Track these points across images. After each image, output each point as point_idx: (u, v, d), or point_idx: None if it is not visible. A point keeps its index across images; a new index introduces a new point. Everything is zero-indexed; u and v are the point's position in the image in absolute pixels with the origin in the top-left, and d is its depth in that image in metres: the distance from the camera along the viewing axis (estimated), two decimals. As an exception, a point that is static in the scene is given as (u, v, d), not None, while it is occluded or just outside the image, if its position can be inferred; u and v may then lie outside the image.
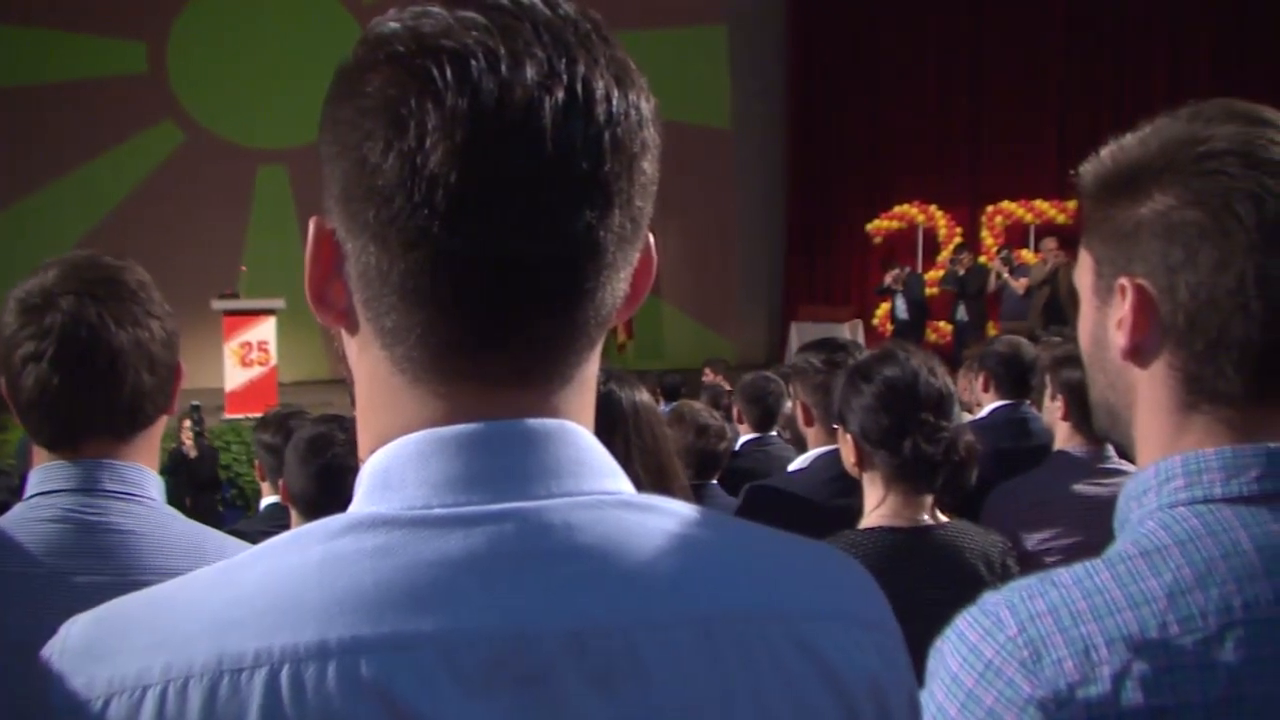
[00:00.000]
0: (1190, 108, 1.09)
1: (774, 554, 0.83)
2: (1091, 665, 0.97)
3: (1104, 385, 1.15)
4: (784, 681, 0.76)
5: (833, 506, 2.85)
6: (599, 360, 0.85)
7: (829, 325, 15.66)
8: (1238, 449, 1.05)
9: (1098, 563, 1.04)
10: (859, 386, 2.36)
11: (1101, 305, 1.12)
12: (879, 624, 0.83)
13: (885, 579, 2.21)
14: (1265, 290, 1.01)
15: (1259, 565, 1.00)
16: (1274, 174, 1.01)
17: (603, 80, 0.75)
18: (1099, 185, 1.12)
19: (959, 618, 1.06)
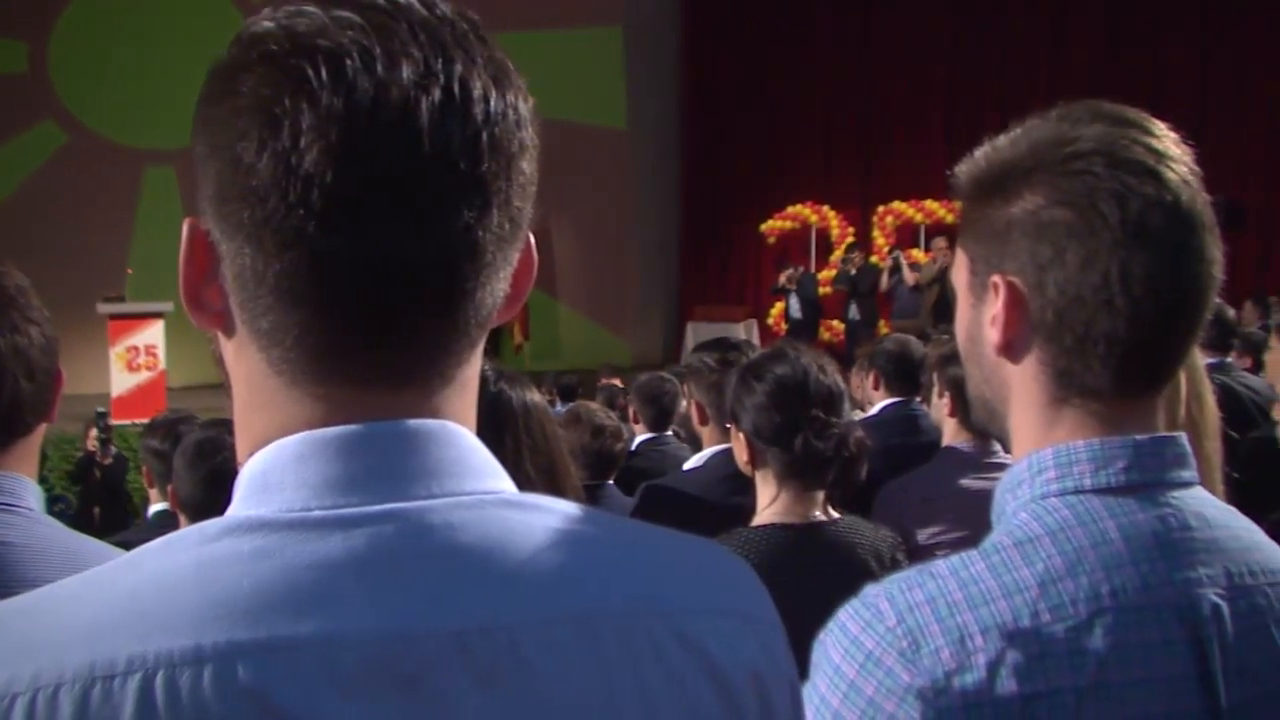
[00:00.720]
0: (1059, 109, 1.12)
1: (656, 550, 0.83)
2: (967, 654, 1.00)
3: (979, 380, 1.18)
4: (667, 676, 0.76)
5: (727, 504, 2.88)
6: (480, 361, 0.84)
7: (724, 325, 15.75)
8: (1106, 441, 1.08)
9: (973, 553, 1.07)
10: (751, 385, 2.38)
11: (976, 302, 1.14)
12: (761, 618, 0.84)
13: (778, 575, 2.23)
14: (1129, 287, 1.03)
15: (1126, 554, 1.03)
16: (1137, 173, 1.04)
17: (480, 80, 0.74)
18: (973, 185, 1.14)
19: (841, 610, 1.08)
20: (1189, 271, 1.06)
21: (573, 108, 16.86)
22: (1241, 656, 1.05)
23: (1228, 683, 1.04)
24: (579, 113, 17.03)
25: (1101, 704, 0.99)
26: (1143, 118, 1.10)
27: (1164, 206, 1.04)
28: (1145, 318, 1.05)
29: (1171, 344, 1.09)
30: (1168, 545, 1.05)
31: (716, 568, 0.85)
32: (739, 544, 2.29)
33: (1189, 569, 1.05)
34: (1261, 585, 1.09)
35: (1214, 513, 1.11)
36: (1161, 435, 1.10)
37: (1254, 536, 1.13)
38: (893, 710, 1.00)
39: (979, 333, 1.14)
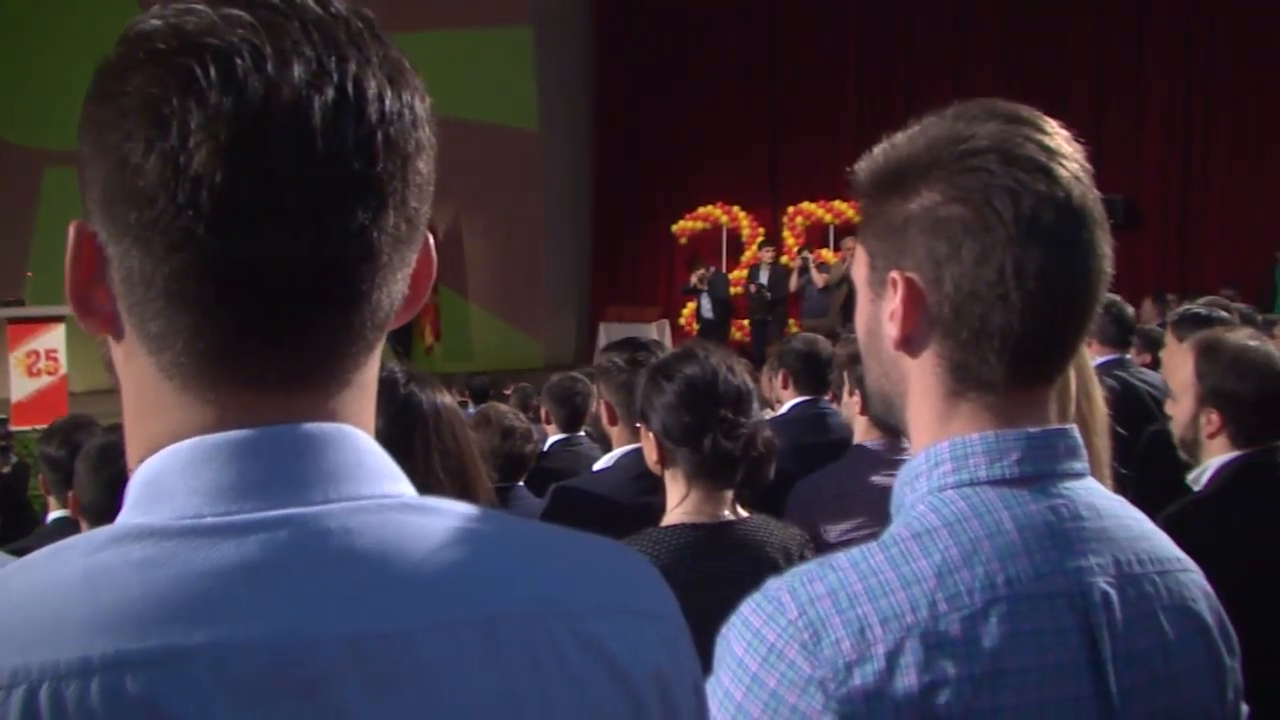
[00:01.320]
0: (955, 107, 1.13)
1: (557, 551, 0.83)
2: (867, 644, 1.01)
3: (879, 374, 1.20)
4: (569, 679, 0.76)
5: (637, 504, 2.88)
6: (378, 363, 0.84)
7: (636, 325, 15.80)
8: (1000, 434, 1.10)
9: (873, 546, 1.08)
10: (660, 385, 2.39)
11: (875, 298, 1.16)
12: (663, 616, 0.84)
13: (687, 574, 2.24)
14: (1022, 282, 1.05)
15: (1020, 544, 1.06)
16: (1029, 170, 1.06)
17: (375, 79, 0.74)
18: (872, 182, 1.16)
19: (744, 604, 1.09)
20: (1080, 266, 1.09)
21: (483, 108, 16.77)
22: (1131, 642, 1.08)
23: (1118, 668, 1.06)
24: (490, 113, 16.95)
25: (997, 691, 1.01)
26: (1036, 116, 1.12)
27: (1056, 203, 1.06)
28: (1038, 312, 1.07)
29: (1064, 337, 1.11)
30: (1060, 535, 1.08)
31: (618, 568, 0.85)
32: (648, 544, 2.30)
33: (1080, 558, 1.08)
34: (1149, 573, 1.12)
35: (1104, 503, 1.14)
36: (1054, 428, 1.12)
37: (1142, 526, 1.16)
38: (795, 702, 1.01)
39: (878, 327, 1.16)
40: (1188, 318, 4.79)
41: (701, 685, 0.88)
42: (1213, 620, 1.17)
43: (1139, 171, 16.26)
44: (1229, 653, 1.19)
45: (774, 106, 18.26)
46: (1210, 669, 1.15)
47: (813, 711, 1.00)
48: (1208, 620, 1.16)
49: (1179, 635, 1.12)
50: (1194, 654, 1.13)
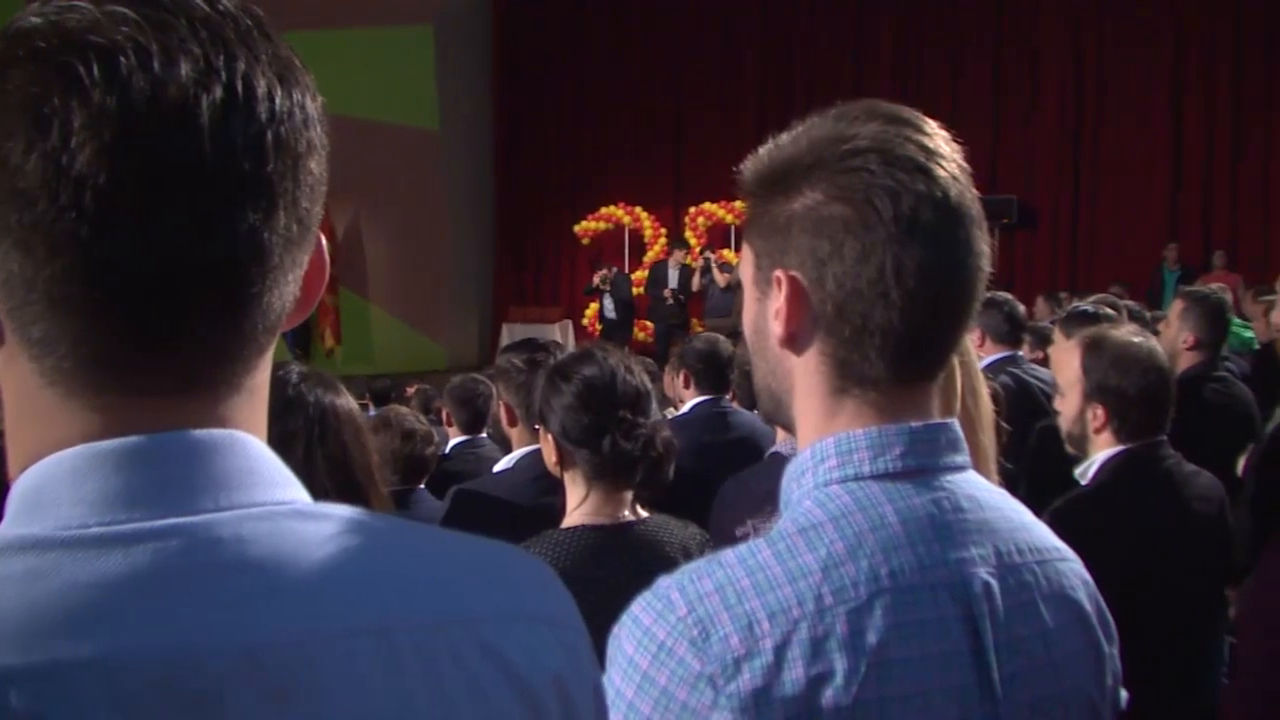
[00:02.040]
0: (838, 108, 1.15)
1: (454, 557, 0.82)
2: (755, 639, 1.02)
3: (765, 372, 1.21)
4: (467, 686, 0.76)
5: (537, 506, 2.88)
6: (270, 367, 0.82)
7: (540, 326, 15.76)
8: (883, 429, 1.12)
9: (760, 542, 1.10)
10: (558, 386, 2.39)
11: (761, 296, 1.17)
12: (562, 621, 0.84)
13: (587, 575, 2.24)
14: (902, 280, 1.08)
15: (903, 536, 1.08)
16: (909, 170, 1.09)
17: (265, 78, 0.73)
18: (757, 182, 1.18)
19: (634, 602, 1.10)
20: (959, 264, 1.11)
21: (384, 108, 16.59)
22: (1012, 630, 1.10)
23: (999, 656, 1.09)
24: (391, 113, 16.78)
25: (882, 682, 1.03)
26: (915, 116, 1.14)
27: (935, 202, 1.09)
28: (919, 309, 1.09)
29: (944, 333, 1.14)
30: (942, 527, 1.10)
31: (516, 572, 0.85)
32: (548, 546, 2.30)
33: (962, 549, 1.10)
34: (1029, 562, 1.15)
35: (985, 495, 1.16)
36: (935, 422, 1.15)
37: (1022, 517, 1.19)
38: (685, 698, 1.02)
39: (764, 325, 1.17)
40: (1075, 315, 4.89)
41: (601, 687, 0.88)
42: (1091, 608, 1.20)
43: (1032, 172, 16.60)
44: (1107, 639, 1.22)
45: (676, 107, 18.31)
46: (1089, 655, 1.18)
47: (703, 707, 1.02)
48: (1086, 608, 1.19)
49: (1058, 623, 1.15)
50: (1073, 641, 1.16)
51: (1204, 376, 4.70)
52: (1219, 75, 15.61)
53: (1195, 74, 15.76)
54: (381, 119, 16.41)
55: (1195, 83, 15.75)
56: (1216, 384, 4.72)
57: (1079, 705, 1.16)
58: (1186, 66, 15.82)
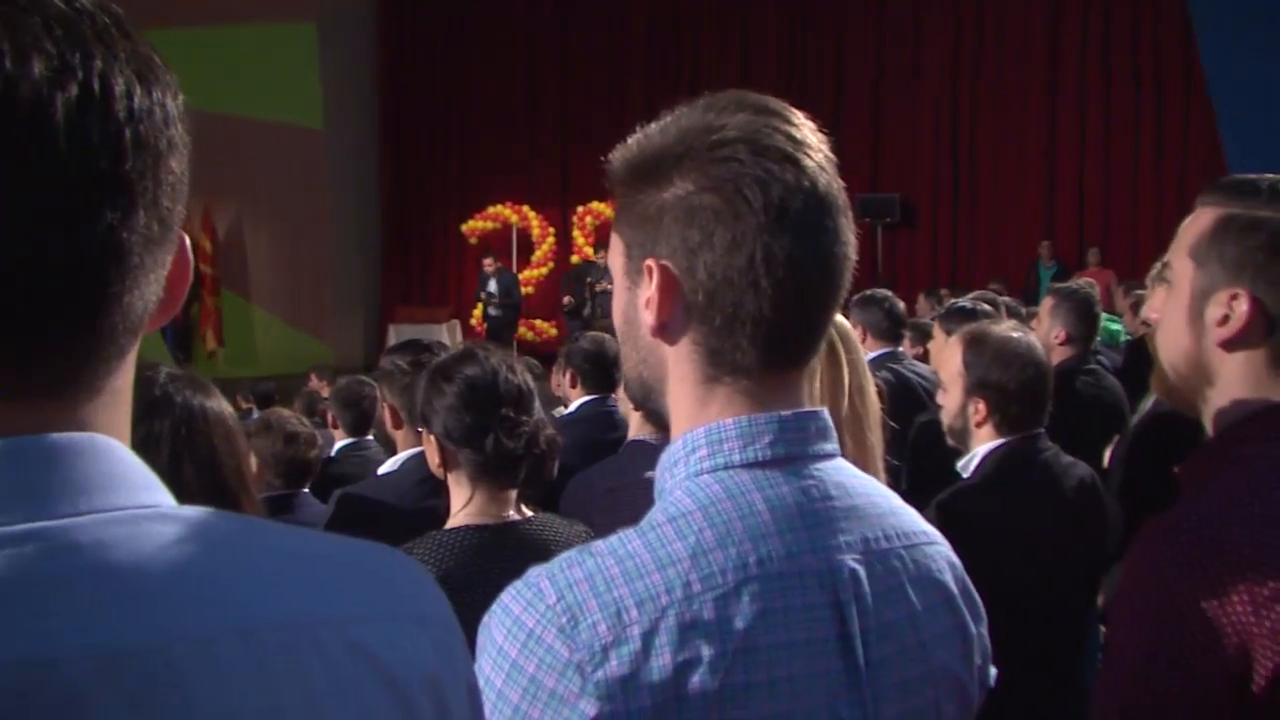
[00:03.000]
0: (706, 98, 1.17)
1: (323, 559, 0.82)
2: (623, 626, 1.03)
3: (636, 362, 1.21)
4: (337, 688, 0.75)
5: (422, 509, 2.86)
6: (133, 370, 0.81)
7: (427, 326, 15.65)
8: (753, 418, 1.13)
9: (631, 531, 1.11)
10: (440, 387, 2.37)
11: (631, 286, 1.18)
12: (434, 619, 0.84)
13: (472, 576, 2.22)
14: (772, 269, 1.08)
15: (771, 524, 1.10)
16: (777, 160, 1.09)
17: (123, 76, 0.72)
18: (627, 172, 1.18)
19: (505, 592, 1.10)
20: (827, 252, 1.12)
21: (267, 106, 16.38)
22: (880, 616, 1.13)
23: (867, 642, 1.11)
24: (273, 111, 16.56)
25: (749, 668, 1.04)
26: (783, 107, 1.15)
27: (803, 191, 1.09)
28: (788, 297, 1.10)
29: (813, 322, 1.15)
30: (810, 515, 1.11)
31: (387, 572, 0.84)
32: (432, 547, 2.28)
33: (830, 536, 1.12)
34: (896, 548, 1.17)
35: (853, 482, 1.18)
36: (805, 410, 1.16)
37: (890, 503, 1.21)
38: (553, 686, 1.03)
39: (635, 315, 1.18)
40: (954, 311, 4.99)
41: (476, 686, 0.88)
42: (958, 589, 1.23)
43: (914, 171, 16.93)
44: (975, 620, 1.25)
45: (563, 106, 18.32)
46: (956, 636, 1.21)
47: (570, 694, 1.02)
48: (953, 590, 1.22)
49: (925, 605, 1.18)
50: (940, 622, 1.19)
51: (1076, 370, 4.82)
52: (1091, 78, 16.07)
53: (1068, 77, 16.21)
54: (264, 117, 16.19)
55: (1068, 85, 16.20)
56: (1088, 377, 4.85)
57: (947, 684, 1.19)
58: (1060, 70, 16.26)
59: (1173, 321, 1.57)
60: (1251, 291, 1.47)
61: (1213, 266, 1.51)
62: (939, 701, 1.18)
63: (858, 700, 1.10)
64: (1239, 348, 1.50)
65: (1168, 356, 1.60)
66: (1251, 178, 1.53)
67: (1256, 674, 1.33)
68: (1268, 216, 1.48)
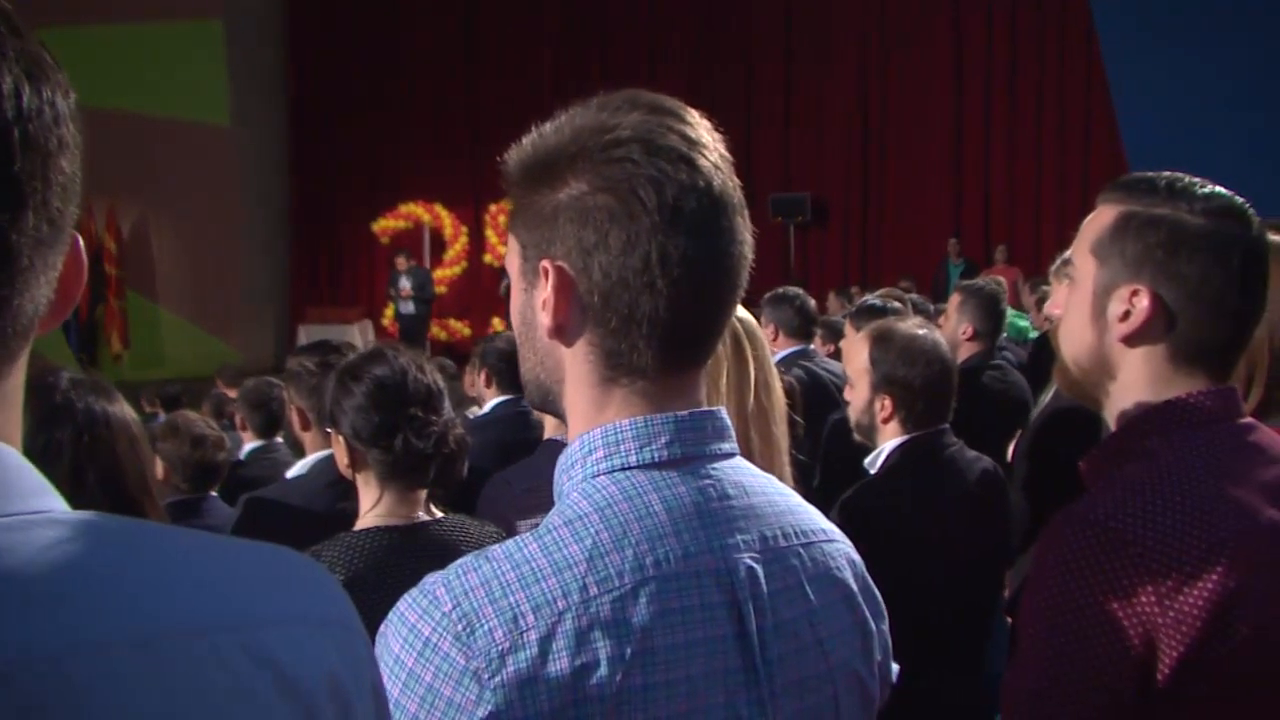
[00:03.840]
0: (600, 97, 1.16)
1: (222, 563, 0.80)
2: (520, 632, 1.03)
3: (534, 363, 1.21)
4: (236, 693, 0.74)
5: (332, 512, 2.83)
6: (23, 373, 0.79)
7: (338, 326, 15.52)
8: (650, 418, 1.13)
9: (528, 535, 1.10)
10: (349, 387, 2.35)
11: (528, 288, 1.17)
12: (337, 621, 0.83)
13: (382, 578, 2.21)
14: (667, 269, 1.08)
15: (668, 525, 1.10)
16: (671, 160, 1.09)
17: (11, 75, 0.71)
18: (521, 172, 1.17)
19: (401, 600, 1.09)
20: (723, 252, 1.12)
21: (172, 103, 16.12)
22: (778, 614, 1.13)
23: (765, 640, 1.11)
24: (178, 109, 16.31)
25: (647, 670, 1.04)
26: (678, 106, 1.15)
27: (698, 191, 1.09)
28: (684, 298, 1.10)
29: (709, 321, 1.15)
30: (707, 515, 1.12)
31: (287, 575, 0.83)
32: (341, 549, 2.26)
33: (727, 535, 1.12)
34: (795, 546, 1.18)
35: (752, 481, 1.18)
36: (702, 410, 1.16)
37: (788, 501, 1.22)
38: (450, 694, 1.02)
39: (531, 316, 1.17)
40: (864, 309, 5.04)
41: (381, 687, 0.88)
42: (858, 586, 1.24)
43: (825, 170, 17.10)
44: (875, 616, 1.26)
45: (472, 104, 18.22)
46: (856, 633, 1.22)
47: (468, 703, 1.01)
48: (852, 587, 1.23)
49: (824, 603, 1.18)
50: (839, 619, 1.20)
51: (982, 366, 4.91)
52: (996, 78, 16.33)
53: (973, 77, 16.46)
54: (169, 115, 15.93)
55: (973, 85, 16.45)
56: (994, 372, 4.94)
57: (846, 681, 1.20)
58: (965, 70, 16.51)
59: (1075, 317, 1.61)
60: (1152, 288, 1.51)
61: (1114, 263, 1.54)
62: (838, 698, 1.19)
63: (756, 699, 1.11)
64: (1140, 343, 1.54)
65: (1070, 351, 1.63)
66: (1150, 176, 1.57)
67: (1161, 664, 1.37)
68: (1166, 214, 1.51)
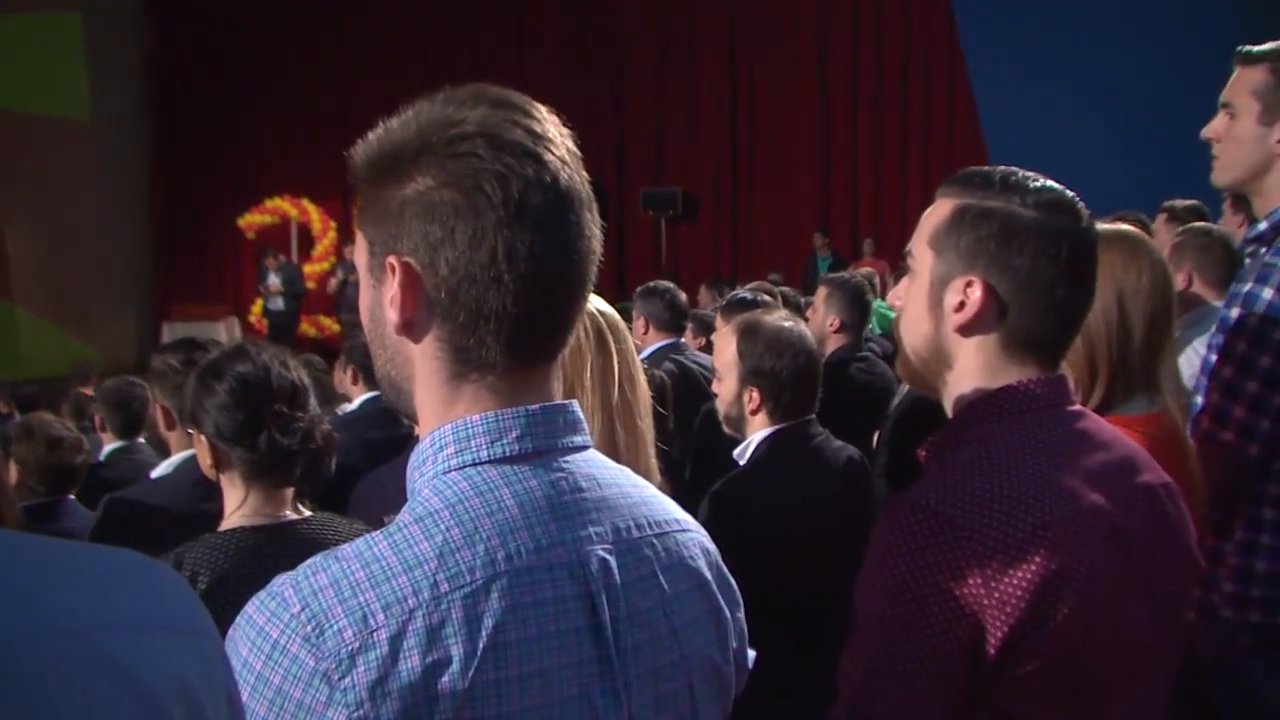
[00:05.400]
0: (446, 91, 1.16)
1: (72, 569, 0.79)
2: (369, 631, 1.02)
3: (385, 360, 1.20)
4: (83, 705, 0.73)
5: (196, 512, 2.77)
6: None
7: (204, 324, 15.19)
8: (500, 413, 1.13)
9: (379, 534, 1.10)
10: (210, 385, 2.31)
11: (376, 284, 1.16)
12: (189, 628, 0.82)
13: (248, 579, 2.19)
14: (514, 264, 1.08)
15: (520, 519, 1.10)
16: (517, 155, 1.09)
17: None
18: (367, 168, 1.16)
19: (249, 603, 1.08)
20: (570, 246, 1.13)
21: (28, 98, 15.62)
22: (631, 604, 1.14)
23: (618, 630, 1.12)
24: (35, 103, 15.81)
25: (499, 664, 1.05)
26: (525, 101, 1.15)
27: (544, 186, 1.09)
28: (531, 292, 1.10)
29: (559, 316, 1.15)
30: (559, 508, 1.12)
31: (138, 580, 0.82)
32: (204, 549, 2.22)
33: (580, 528, 1.13)
34: (648, 537, 1.19)
35: (604, 473, 1.19)
36: (553, 404, 1.17)
37: (642, 492, 1.23)
38: (300, 696, 1.02)
39: (380, 313, 1.16)
40: (734, 302, 5.11)
41: (236, 693, 0.87)
42: (712, 575, 1.25)
43: (695, 165, 17.24)
44: (730, 604, 1.27)
45: (341, 94, 17.92)
46: (710, 620, 1.24)
47: (318, 705, 1.01)
48: (707, 575, 1.24)
49: (678, 592, 1.20)
50: (693, 608, 1.21)
51: (850, 357, 5.01)
52: (862, 71, 16.61)
53: (839, 70, 16.72)
54: (26, 110, 15.45)
55: (840, 78, 16.72)
56: (861, 364, 5.04)
57: (701, 669, 1.21)
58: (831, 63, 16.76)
59: (914, 308, 1.66)
60: (985, 278, 1.56)
61: (949, 255, 1.59)
62: (694, 685, 1.20)
63: (611, 689, 1.12)
64: (974, 332, 1.59)
65: (910, 341, 1.68)
66: (985, 170, 1.62)
67: (989, 643, 1.42)
68: (999, 207, 1.56)
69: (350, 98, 17.77)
